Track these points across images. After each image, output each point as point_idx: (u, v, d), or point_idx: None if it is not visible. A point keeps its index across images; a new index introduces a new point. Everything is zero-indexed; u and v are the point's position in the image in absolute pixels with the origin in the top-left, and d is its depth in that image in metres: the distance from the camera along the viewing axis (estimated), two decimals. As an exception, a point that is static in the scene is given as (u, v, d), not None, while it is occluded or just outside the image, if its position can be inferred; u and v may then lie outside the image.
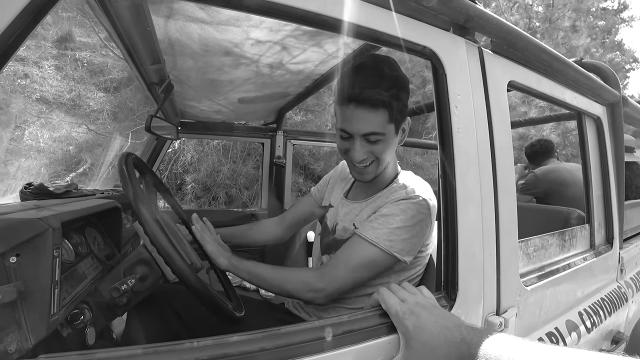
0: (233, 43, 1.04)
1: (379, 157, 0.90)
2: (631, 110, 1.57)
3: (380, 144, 0.88)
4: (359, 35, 0.61)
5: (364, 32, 0.60)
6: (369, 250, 0.85)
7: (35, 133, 3.53)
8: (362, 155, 0.88)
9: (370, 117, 0.84)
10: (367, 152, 0.88)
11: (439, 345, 0.52)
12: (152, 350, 0.45)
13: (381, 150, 0.88)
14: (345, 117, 0.87)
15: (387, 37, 0.62)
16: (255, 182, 5.33)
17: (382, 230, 0.85)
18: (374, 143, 0.87)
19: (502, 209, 0.77)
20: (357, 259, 0.86)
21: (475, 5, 0.72)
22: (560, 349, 0.45)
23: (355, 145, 0.87)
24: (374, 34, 0.61)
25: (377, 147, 0.88)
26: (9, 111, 3.89)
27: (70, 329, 0.69)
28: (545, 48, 0.94)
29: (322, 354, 0.51)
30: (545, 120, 2.78)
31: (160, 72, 1.26)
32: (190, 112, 1.99)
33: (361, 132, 0.86)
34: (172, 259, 0.58)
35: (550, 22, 7.69)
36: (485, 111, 0.77)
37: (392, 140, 0.90)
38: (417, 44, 0.66)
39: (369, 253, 0.85)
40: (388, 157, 0.92)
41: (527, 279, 0.89)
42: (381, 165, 0.92)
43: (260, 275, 0.91)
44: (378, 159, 0.90)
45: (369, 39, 0.63)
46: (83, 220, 0.87)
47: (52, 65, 5.17)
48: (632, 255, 1.55)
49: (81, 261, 0.77)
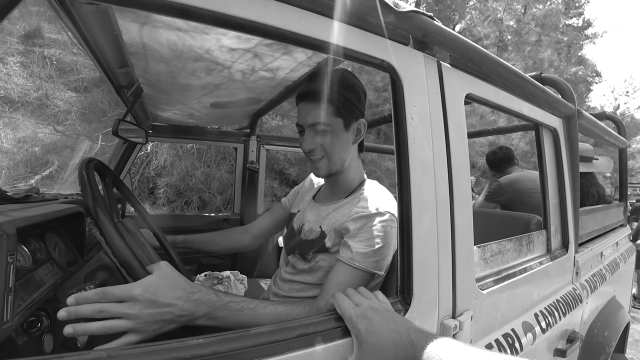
0: (203, 49, 1.04)
1: (328, 151, 0.97)
2: (586, 122, 1.68)
3: (327, 135, 0.96)
4: (318, 49, 0.63)
5: (323, 46, 0.62)
6: (357, 275, 0.88)
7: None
8: (310, 145, 0.97)
9: (313, 108, 0.95)
10: (315, 143, 0.97)
11: (388, 348, 0.55)
12: (106, 355, 0.45)
13: (329, 142, 0.96)
14: (298, 114, 1.00)
15: (346, 51, 0.65)
16: (229, 187, 5.27)
17: (365, 253, 0.88)
18: (321, 134, 0.96)
19: (458, 216, 0.81)
20: (343, 282, 0.87)
21: (432, 22, 0.76)
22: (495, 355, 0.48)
23: (305, 136, 0.98)
24: (333, 48, 0.63)
25: (325, 138, 0.96)
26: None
27: (27, 336, 0.67)
28: (502, 63, 1.00)
29: (276, 356, 0.52)
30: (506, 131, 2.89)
31: (128, 75, 1.25)
32: (162, 115, 1.96)
33: (308, 123, 0.96)
34: (130, 265, 0.58)
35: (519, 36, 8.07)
36: (443, 122, 0.81)
37: (340, 134, 0.97)
38: (375, 57, 0.69)
39: (357, 277, 0.88)
40: (338, 152, 0.98)
41: (483, 282, 0.94)
42: (332, 160, 0.98)
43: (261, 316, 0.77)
44: (327, 152, 0.97)
45: (330, 52, 0.65)
46: (42, 226, 0.84)
47: (18, 62, 4.95)
48: (587, 258, 1.64)
49: (39, 267, 0.75)
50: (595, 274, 1.70)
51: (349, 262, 0.88)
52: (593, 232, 1.90)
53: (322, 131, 0.95)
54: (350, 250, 0.89)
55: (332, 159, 0.98)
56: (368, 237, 0.89)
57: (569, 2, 12.93)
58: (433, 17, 0.77)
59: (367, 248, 0.88)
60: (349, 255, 0.89)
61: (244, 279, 1.69)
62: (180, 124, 2.15)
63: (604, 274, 1.80)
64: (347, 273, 0.88)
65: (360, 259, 0.88)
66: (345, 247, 0.91)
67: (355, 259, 0.88)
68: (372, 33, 0.68)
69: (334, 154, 0.97)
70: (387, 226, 0.90)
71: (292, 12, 0.58)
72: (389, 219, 0.91)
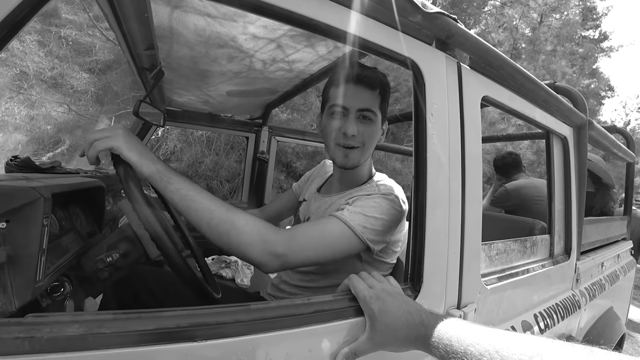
0: (229, 36, 1.07)
1: (366, 143, 0.95)
2: (596, 133, 1.70)
3: (370, 126, 0.94)
4: (348, 42, 0.66)
5: (352, 39, 0.65)
6: (342, 229, 0.81)
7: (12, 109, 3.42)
8: (354, 129, 0.91)
9: (367, 94, 0.93)
10: (359, 130, 0.93)
11: (400, 327, 0.58)
12: (136, 316, 0.48)
13: (369, 135, 0.95)
14: (343, 94, 0.93)
15: (374, 45, 0.68)
16: (237, 176, 5.31)
17: (358, 215, 0.83)
18: (366, 122, 0.94)
19: (468, 212, 0.84)
20: (328, 235, 0.80)
21: (456, 24, 0.78)
22: (505, 333, 0.51)
23: (349, 119, 0.93)
24: (361, 42, 0.66)
25: (367, 129, 0.94)
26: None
27: (50, 300, 0.71)
28: (519, 68, 1.02)
29: (293, 329, 0.56)
30: (516, 138, 2.89)
31: (152, 58, 1.27)
32: (178, 100, 2.00)
33: (358, 107, 0.92)
34: (160, 236, 0.61)
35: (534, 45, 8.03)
36: (459, 121, 0.84)
37: (378, 129, 0.97)
38: (400, 54, 0.71)
39: (340, 232, 0.80)
40: (371, 147, 0.98)
41: (488, 278, 0.96)
42: (364, 154, 0.97)
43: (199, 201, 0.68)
44: (364, 145, 0.95)
45: (357, 46, 0.68)
46: (67, 196, 0.88)
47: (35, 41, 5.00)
48: (588, 267, 1.66)
49: (65, 235, 0.79)
50: (595, 282, 1.72)
51: (336, 215, 0.83)
52: (595, 242, 1.92)
53: (368, 119, 0.93)
54: (342, 209, 0.86)
55: (365, 151, 0.96)
56: (364, 204, 0.86)
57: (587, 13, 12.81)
58: (457, 20, 0.80)
59: (359, 209, 0.85)
60: (339, 211, 0.85)
61: (250, 264, 1.72)
62: (195, 109, 2.18)
63: (604, 284, 1.82)
64: (330, 222, 0.82)
65: (349, 214, 0.82)
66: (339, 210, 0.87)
67: (344, 214, 0.82)
68: (399, 31, 0.71)
69: (368, 148, 0.96)
70: (388, 205, 0.88)
71: (329, 5, 0.61)
72: (393, 199, 0.89)
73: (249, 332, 0.52)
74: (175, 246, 0.63)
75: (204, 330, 0.49)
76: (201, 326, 0.49)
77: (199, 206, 0.67)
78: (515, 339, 0.48)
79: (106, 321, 0.45)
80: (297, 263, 0.77)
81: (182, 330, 0.48)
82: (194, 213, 0.67)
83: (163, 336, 0.47)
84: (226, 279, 1.62)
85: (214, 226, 0.68)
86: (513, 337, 0.49)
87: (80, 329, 0.42)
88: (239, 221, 0.69)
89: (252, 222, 0.71)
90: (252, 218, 0.72)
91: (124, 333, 0.45)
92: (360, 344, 0.61)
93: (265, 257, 0.71)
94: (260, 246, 0.70)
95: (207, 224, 0.68)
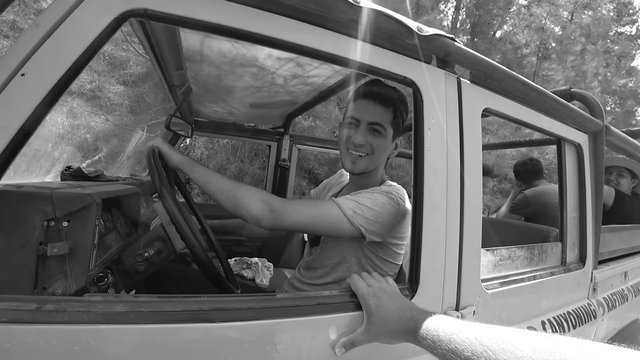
0: (253, 57, 1.18)
1: (374, 151, 1.04)
2: (615, 139, 1.67)
3: (379, 138, 1.03)
4: (349, 66, 0.75)
5: (354, 64, 0.74)
6: (333, 208, 0.93)
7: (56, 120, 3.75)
8: (362, 140, 1.02)
9: (379, 110, 1.02)
10: (367, 140, 1.02)
11: (393, 321, 0.66)
12: (167, 299, 0.58)
13: (377, 146, 1.03)
14: (357, 107, 1.04)
15: (372, 68, 0.76)
16: (260, 182, 5.47)
17: (351, 202, 0.94)
18: (374, 135, 1.03)
19: (467, 219, 0.89)
20: (319, 210, 0.93)
21: (453, 43, 0.85)
22: (485, 325, 0.57)
23: (359, 131, 1.03)
24: (360, 66, 0.75)
25: (376, 140, 1.03)
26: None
27: (96, 287, 0.83)
28: (521, 79, 1.06)
29: (299, 317, 0.65)
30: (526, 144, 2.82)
31: (181, 77, 1.41)
32: (205, 112, 2.14)
33: (368, 120, 1.02)
34: (187, 235, 0.72)
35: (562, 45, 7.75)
36: (459, 133, 0.90)
37: (387, 142, 1.05)
38: (399, 74, 0.79)
39: (330, 210, 0.93)
40: (380, 158, 1.06)
41: (489, 283, 1.00)
42: (372, 161, 1.05)
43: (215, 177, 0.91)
44: (373, 153, 1.04)
45: (357, 68, 0.76)
46: (110, 202, 1.01)
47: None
48: (607, 276, 1.62)
49: (108, 234, 0.93)
50: (615, 292, 1.68)
51: (332, 199, 0.95)
52: (618, 250, 1.88)
53: (377, 132, 1.03)
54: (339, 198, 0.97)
55: (372, 160, 1.05)
56: (360, 196, 0.97)
57: (622, 9, 12.22)
58: (454, 39, 0.86)
59: (355, 197, 0.95)
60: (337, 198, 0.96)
61: (270, 266, 1.83)
62: (220, 120, 2.33)
63: (626, 295, 1.77)
64: (325, 202, 0.95)
65: (343, 200, 0.94)
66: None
67: (339, 200, 0.94)
68: (397, 53, 0.79)
69: (376, 157, 1.05)
70: (384, 199, 0.97)
71: (330, 35, 0.70)
72: (390, 196, 0.98)
73: (259, 317, 0.62)
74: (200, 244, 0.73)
75: (222, 314, 0.59)
76: (219, 310, 0.59)
77: (214, 180, 0.91)
78: (493, 328, 0.54)
79: (144, 302, 0.56)
80: (289, 223, 0.89)
81: (204, 312, 0.58)
82: (211, 185, 0.90)
83: (188, 317, 0.57)
84: (247, 279, 1.73)
85: (225, 192, 0.89)
86: (491, 327, 0.55)
87: (124, 307, 0.53)
88: (243, 187, 0.90)
89: (254, 188, 0.92)
90: (255, 187, 0.93)
91: (157, 312, 0.55)
92: (357, 335, 0.69)
93: (262, 211, 0.86)
94: (259, 203, 0.87)
95: (220, 191, 0.89)
